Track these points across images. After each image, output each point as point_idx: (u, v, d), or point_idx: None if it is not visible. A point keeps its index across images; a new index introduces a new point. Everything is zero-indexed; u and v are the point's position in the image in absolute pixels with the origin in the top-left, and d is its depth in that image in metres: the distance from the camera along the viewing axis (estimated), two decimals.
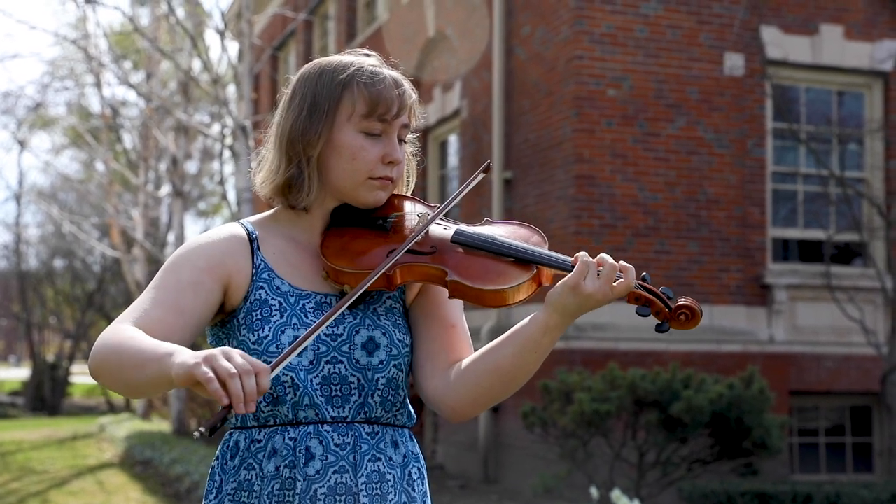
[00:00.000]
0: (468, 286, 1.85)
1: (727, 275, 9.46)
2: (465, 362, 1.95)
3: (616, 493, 6.24)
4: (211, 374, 1.57)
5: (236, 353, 1.62)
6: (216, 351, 1.62)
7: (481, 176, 1.99)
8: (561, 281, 1.84)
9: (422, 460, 2.01)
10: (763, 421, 7.56)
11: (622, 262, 1.83)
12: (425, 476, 2.00)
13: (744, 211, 9.55)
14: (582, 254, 1.84)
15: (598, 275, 1.82)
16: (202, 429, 1.57)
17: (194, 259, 1.90)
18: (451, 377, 1.94)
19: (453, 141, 12.13)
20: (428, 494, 2.00)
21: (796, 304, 9.64)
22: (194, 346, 1.83)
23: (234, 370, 1.58)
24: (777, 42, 9.74)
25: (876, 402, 9.90)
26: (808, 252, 10.04)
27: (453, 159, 12.16)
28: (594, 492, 6.65)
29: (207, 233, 1.96)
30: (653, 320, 1.85)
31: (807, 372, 9.59)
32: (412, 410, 2.02)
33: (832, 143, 10.05)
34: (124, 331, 1.78)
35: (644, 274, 1.87)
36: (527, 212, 9.85)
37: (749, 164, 9.61)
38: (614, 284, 1.82)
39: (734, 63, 9.59)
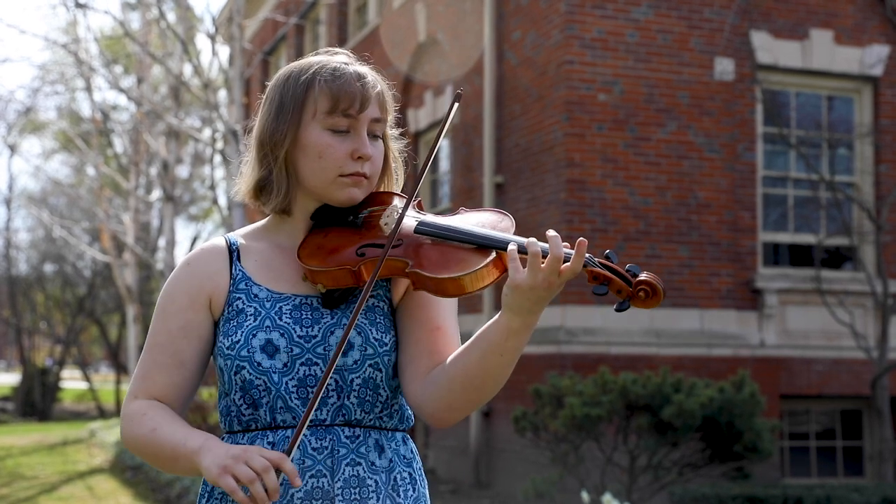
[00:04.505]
0: (426, 276, 1.81)
1: (718, 279, 9.47)
2: (439, 367, 1.90)
3: (607, 497, 6.24)
4: (234, 485, 1.72)
5: (255, 453, 1.74)
6: (235, 456, 1.74)
7: (456, 106, 1.90)
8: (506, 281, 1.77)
9: (415, 465, 1.97)
10: (754, 425, 7.56)
11: (581, 240, 1.70)
12: (417, 480, 1.96)
13: (734, 215, 9.57)
14: (511, 248, 1.75)
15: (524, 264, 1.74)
16: None
17: (177, 297, 1.95)
18: (429, 382, 1.90)
19: (444, 145, 12.13)
20: (423, 499, 1.96)
21: (787, 308, 9.66)
22: None
23: (253, 475, 1.72)
24: (767, 47, 9.76)
25: (866, 406, 9.93)
26: (799, 256, 10.07)
27: (444, 163, 12.16)
28: (585, 496, 6.65)
29: (189, 257, 2.00)
30: (622, 305, 1.72)
31: (797, 376, 9.60)
32: (408, 413, 1.99)
33: (822, 147, 10.08)
34: (144, 421, 1.90)
35: (608, 252, 1.76)
36: (518, 216, 9.85)
37: (739, 168, 9.63)
38: (547, 268, 1.71)
39: (724, 68, 9.61)
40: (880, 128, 10.07)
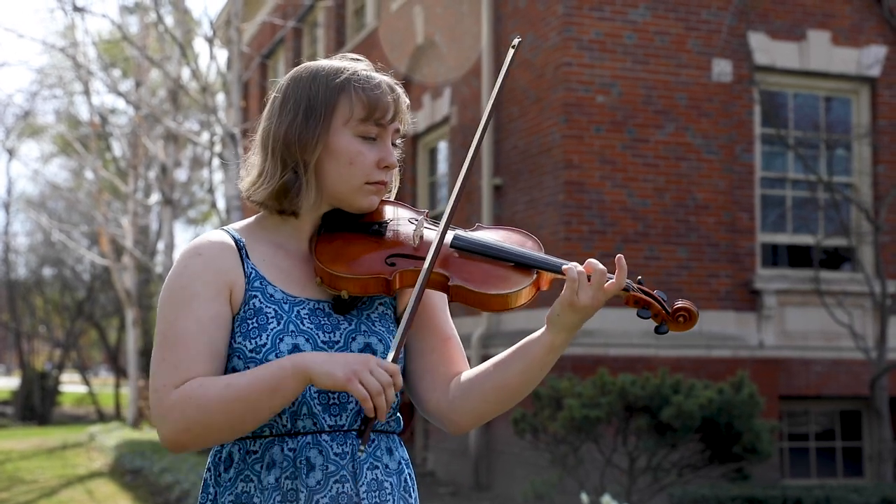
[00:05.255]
0: (472, 290, 1.86)
1: (716, 280, 9.48)
2: (466, 377, 1.94)
3: (606, 499, 6.25)
4: (365, 393, 1.72)
5: (374, 363, 1.75)
6: (359, 362, 1.74)
7: (512, 52, 1.95)
8: (557, 301, 1.84)
9: (411, 466, 2.01)
10: (753, 426, 7.57)
11: (619, 257, 1.83)
12: (415, 481, 2.00)
13: (733, 216, 9.57)
14: (569, 268, 1.84)
15: (590, 281, 1.83)
16: (361, 448, 1.77)
17: (198, 288, 1.85)
18: (453, 392, 1.94)
19: (443, 148, 12.14)
20: (417, 501, 2.00)
21: (785, 308, 9.67)
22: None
23: (380, 387, 1.73)
24: (764, 48, 9.78)
25: (865, 407, 9.93)
26: (797, 257, 10.07)
27: (443, 166, 12.17)
28: (585, 498, 6.66)
29: (197, 247, 1.90)
30: (651, 323, 1.86)
31: (796, 377, 9.61)
32: (400, 417, 2.01)
33: (820, 148, 10.09)
34: (207, 385, 1.79)
35: (639, 277, 1.88)
36: (516, 218, 9.86)
37: (737, 169, 9.64)
38: (606, 287, 1.82)
39: (722, 69, 9.62)
40: (878, 128, 10.08)
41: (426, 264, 1.85)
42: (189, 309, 1.84)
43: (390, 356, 1.79)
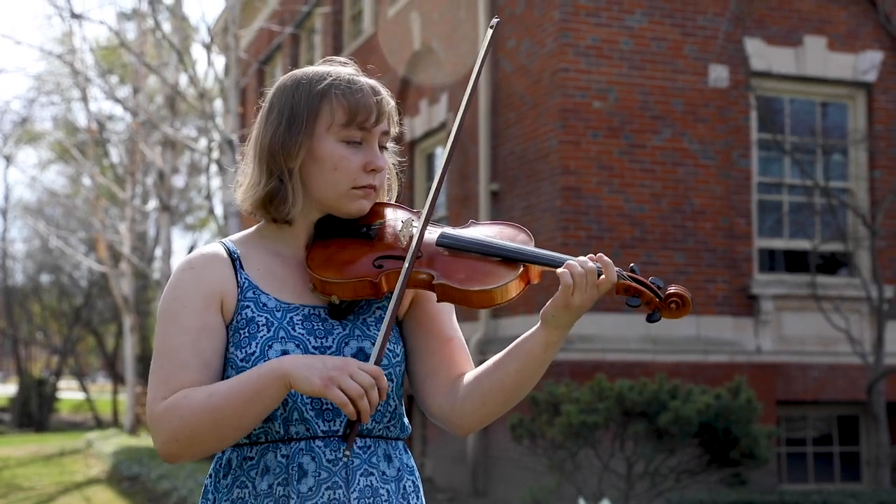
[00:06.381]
0: (455, 288, 1.83)
1: (714, 285, 9.49)
2: (467, 379, 1.93)
3: None
4: (345, 398, 1.70)
5: (354, 366, 1.73)
6: (337, 368, 1.72)
7: (490, 33, 1.96)
8: (551, 301, 1.83)
9: (416, 473, 1.99)
10: (751, 431, 7.57)
11: (600, 255, 1.83)
12: (420, 489, 1.98)
13: (730, 222, 9.59)
14: (563, 272, 1.82)
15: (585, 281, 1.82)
16: (346, 451, 1.76)
17: (189, 301, 1.87)
18: (456, 395, 1.93)
19: (440, 153, 12.15)
20: None
21: (783, 313, 9.68)
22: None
23: (361, 391, 1.71)
24: (761, 53, 9.80)
25: (863, 411, 9.94)
26: (794, 262, 10.08)
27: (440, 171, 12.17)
28: (583, 503, 6.66)
29: (189, 261, 1.92)
30: (645, 322, 1.84)
31: (794, 381, 9.61)
32: (406, 422, 2.00)
33: (817, 153, 10.11)
34: (192, 397, 1.79)
35: (632, 265, 1.86)
36: None
37: (734, 175, 9.65)
38: (598, 282, 1.81)
39: (719, 75, 9.64)
40: (874, 133, 10.10)
41: (406, 264, 1.84)
42: (178, 322, 1.86)
43: (372, 359, 1.78)
